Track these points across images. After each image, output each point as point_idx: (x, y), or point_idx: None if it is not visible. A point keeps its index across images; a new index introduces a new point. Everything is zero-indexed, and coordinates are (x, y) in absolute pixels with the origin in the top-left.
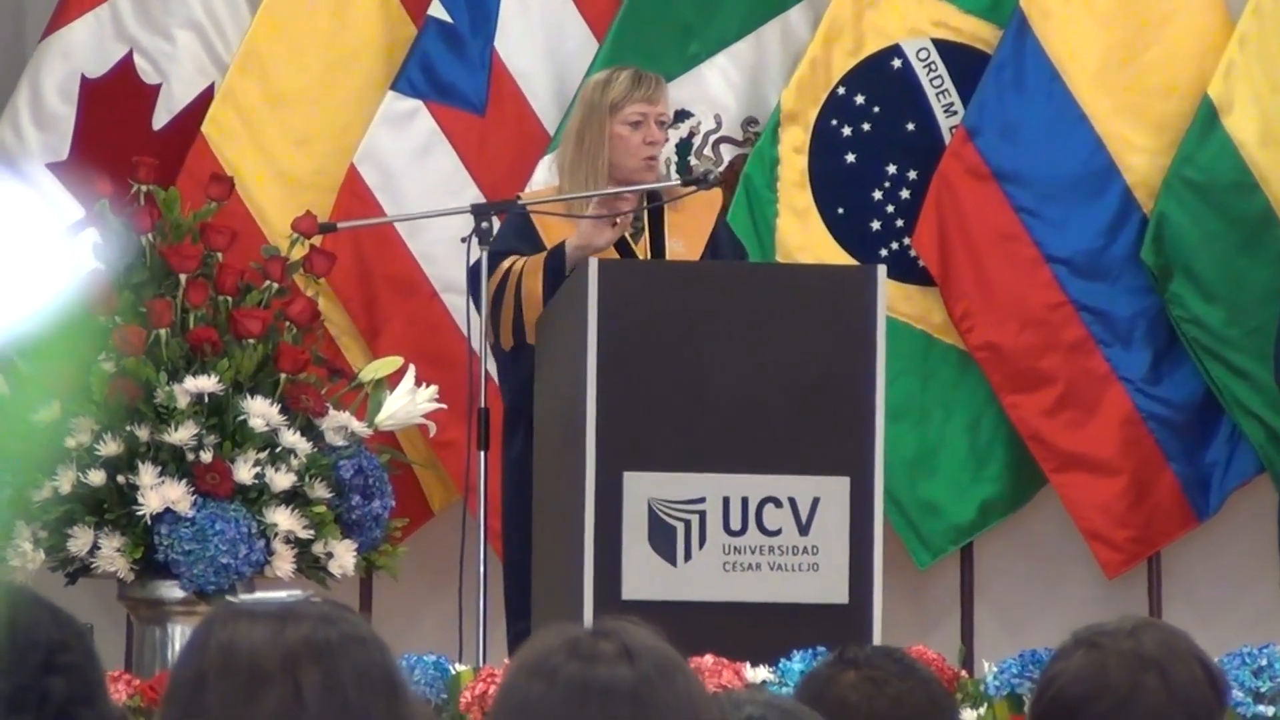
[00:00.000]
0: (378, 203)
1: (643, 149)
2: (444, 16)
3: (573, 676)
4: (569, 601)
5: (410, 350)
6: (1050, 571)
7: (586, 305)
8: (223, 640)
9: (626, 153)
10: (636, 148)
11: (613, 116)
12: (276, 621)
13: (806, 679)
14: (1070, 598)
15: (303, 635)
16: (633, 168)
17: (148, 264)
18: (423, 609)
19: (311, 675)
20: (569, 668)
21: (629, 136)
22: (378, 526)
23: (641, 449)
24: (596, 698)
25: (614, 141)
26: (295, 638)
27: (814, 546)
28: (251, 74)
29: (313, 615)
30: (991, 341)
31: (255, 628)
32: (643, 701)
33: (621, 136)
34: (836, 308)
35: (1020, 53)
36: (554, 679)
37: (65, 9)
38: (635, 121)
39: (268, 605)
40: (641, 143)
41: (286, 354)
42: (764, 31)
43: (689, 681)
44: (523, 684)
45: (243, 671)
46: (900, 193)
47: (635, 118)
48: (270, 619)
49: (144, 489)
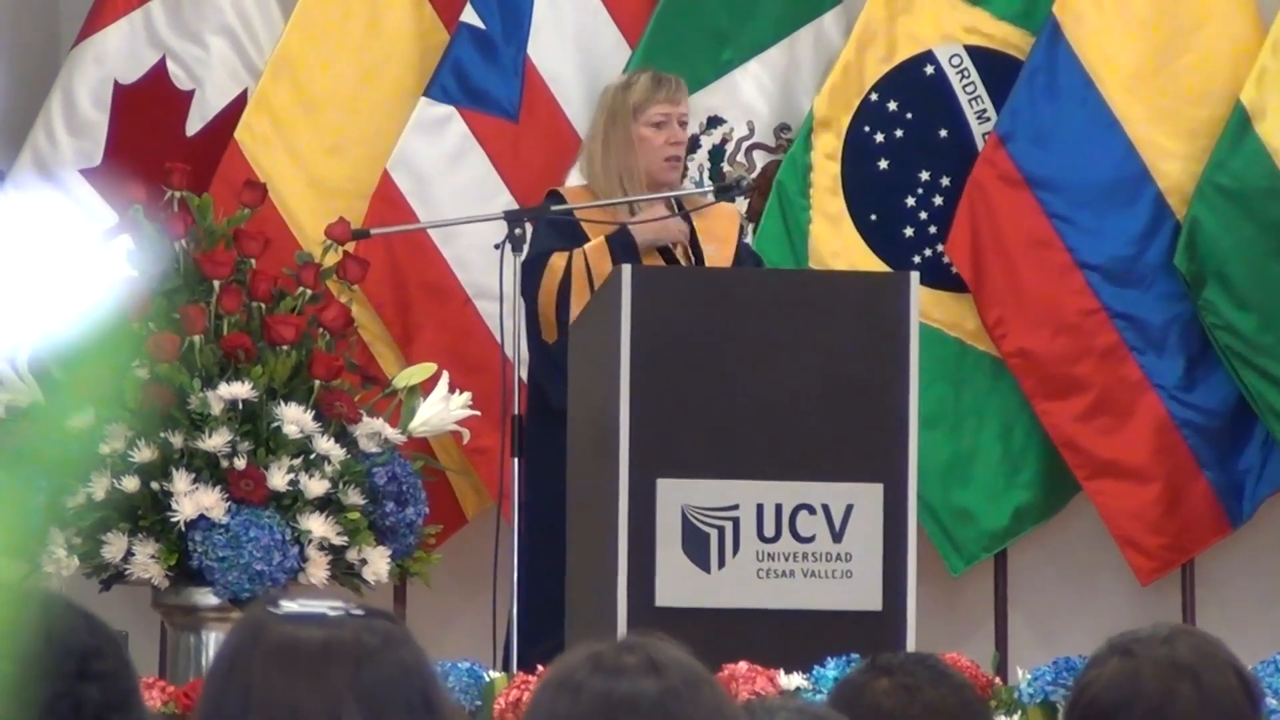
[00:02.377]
0: (411, 209)
1: (665, 149)
2: (477, 23)
3: (597, 690)
4: (602, 608)
5: (444, 357)
6: (1084, 578)
7: (620, 311)
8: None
9: (650, 154)
10: (660, 148)
11: (636, 119)
12: (320, 625)
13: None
14: (1104, 605)
15: (344, 639)
16: (656, 169)
17: (181, 270)
18: (456, 615)
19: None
20: (593, 682)
21: (652, 138)
22: (411, 533)
23: (675, 455)
24: (622, 711)
25: (639, 143)
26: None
27: (847, 553)
28: (284, 80)
29: (355, 621)
30: (1024, 348)
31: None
32: (669, 714)
33: (645, 138)
34: (869, 314)
35: (1053, 59)
36: (579, 693)
37: (98, 15)
38: (658, 123)
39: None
40: (665, 143)
41: (320, 361)
42: (797, 38)
43: (715, 694)
44: (549, 699)
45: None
46: (933, 199)
47: (658, 118)
48: (311, 623)
49: (178, 495)
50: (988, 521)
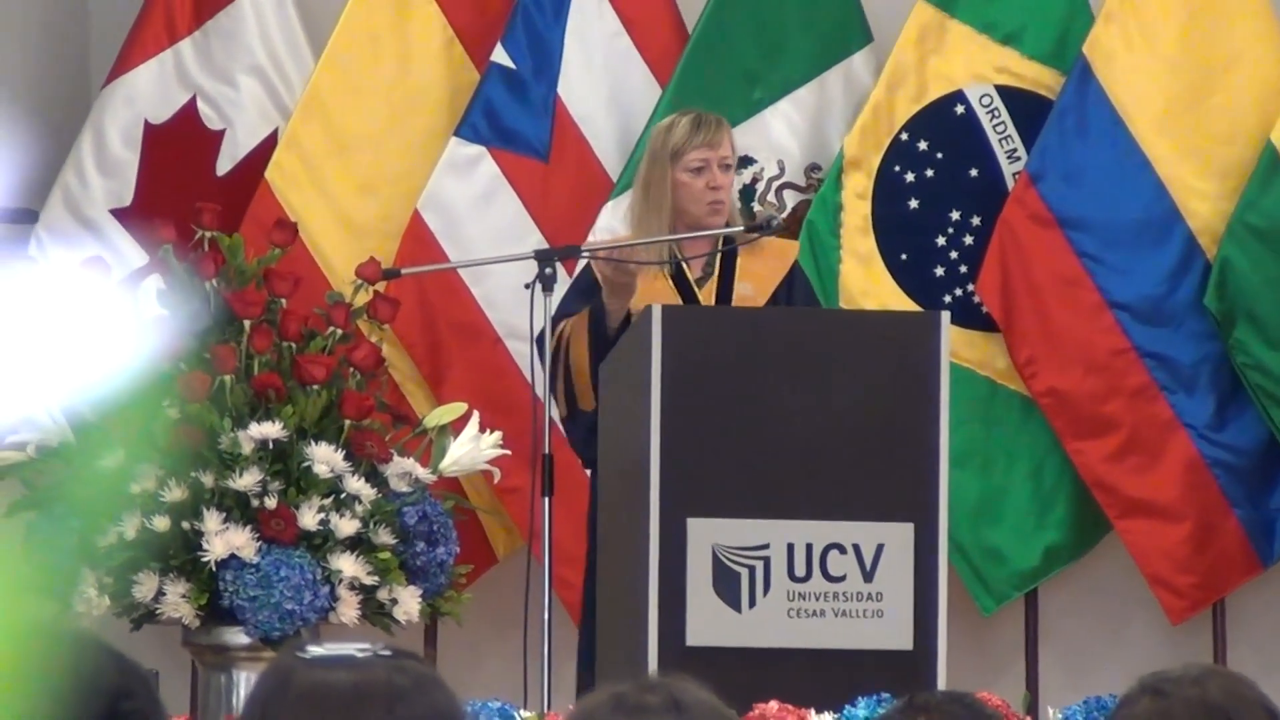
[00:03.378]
0: (441, 249)
1: (706, 194)
2: (507, 62)
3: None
4: (633, 648)
5: (474, 396)
6: (1115, 618)
7: (650, 351)
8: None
9: (691, 199)
10: (700, 193)
11: (675, 164)
12: (349, 667)
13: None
14: (1135, 644)
15: (375, 682)
16: (699, 214)
17: (212, 310)
18: (487, 655)
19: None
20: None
21: (691, 183)
22: (442, 573)
23: (705, 495)
24: None
25: (678, 189)
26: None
27: (878, 593)
28: (315, 119)
29: (385, 662)
30: (1055, 387)
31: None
32: None
33: (684, 183)
34: (900, 353)
35: (1083, 98)
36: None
37: (129, 54)
38: (697, 168)
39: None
40: (705, 188)
41: (351, 400)
42: (827, 77)
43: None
44: None
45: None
46: (963, 238)
47: (697, 163)
48: (342, 665)
49: (209, 535)
50: (1018, 561)
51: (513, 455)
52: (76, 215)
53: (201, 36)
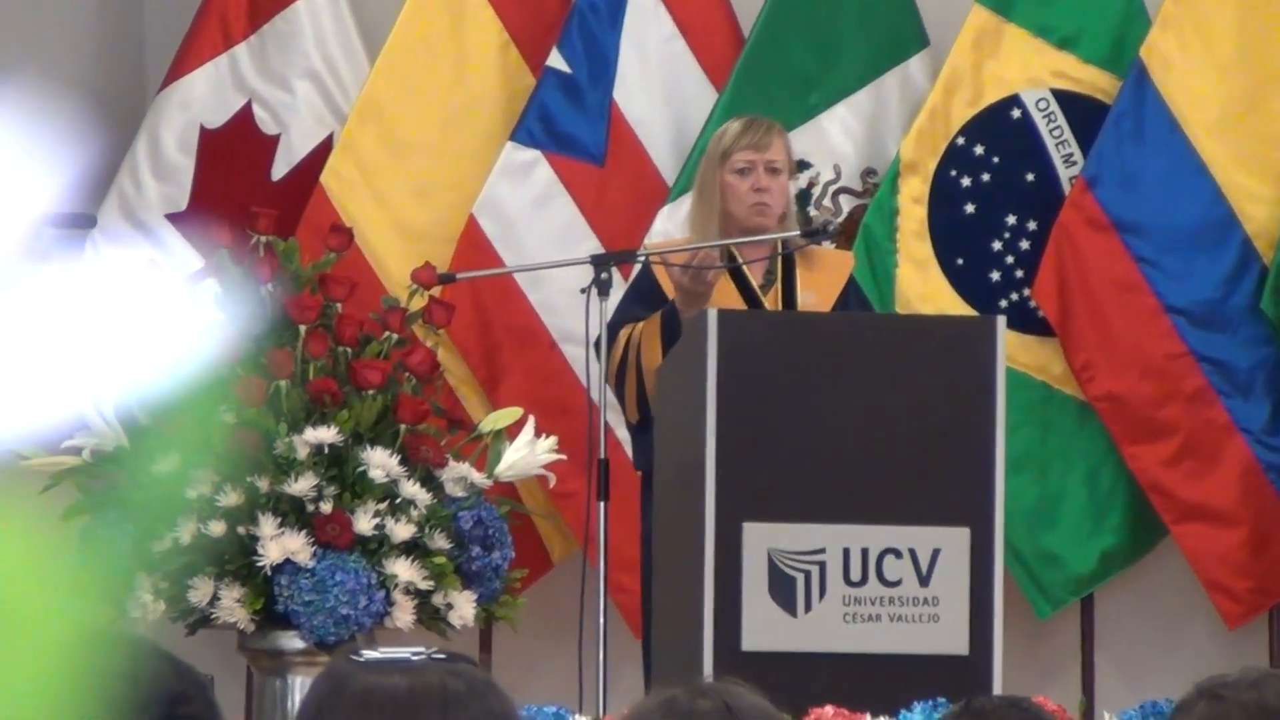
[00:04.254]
0: (497, 253)
1: (750, 196)
2: (563, 67)
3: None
4: (688, 653)
5: (530, 401)
6: (1171, 622)
7: (706, 355)
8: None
9: (736, 200)
10: (744, 195)
11: (723, 165)
12: (404, 673)
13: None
14: (1191, 648)
15: (431, 685)
16: (743, 215)
17: (267, 315)
18: (542, 660)
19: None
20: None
21: (737, 184)
22: (497, 577)
23: (761, 499)
24: None
25: (725, 190)
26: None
27: (934, 597)
28: (371, 124)
29: (440, 666)
30: (1111, 392)
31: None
32: None
33: (731, 185)
34: (956, 358)
35: (1140, 103)
36: None
37: (184, 59)
38: (742, 169)
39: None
40: (749, 190)
41: (406, 405)
42: (883, 82)
43: None
44: None
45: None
46: (1020, 243)
47: (742, 165)
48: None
49: (264, 540)
50: (1075, 565)
51: (568, 460)
52: (132, 220)
53: (257, 41)
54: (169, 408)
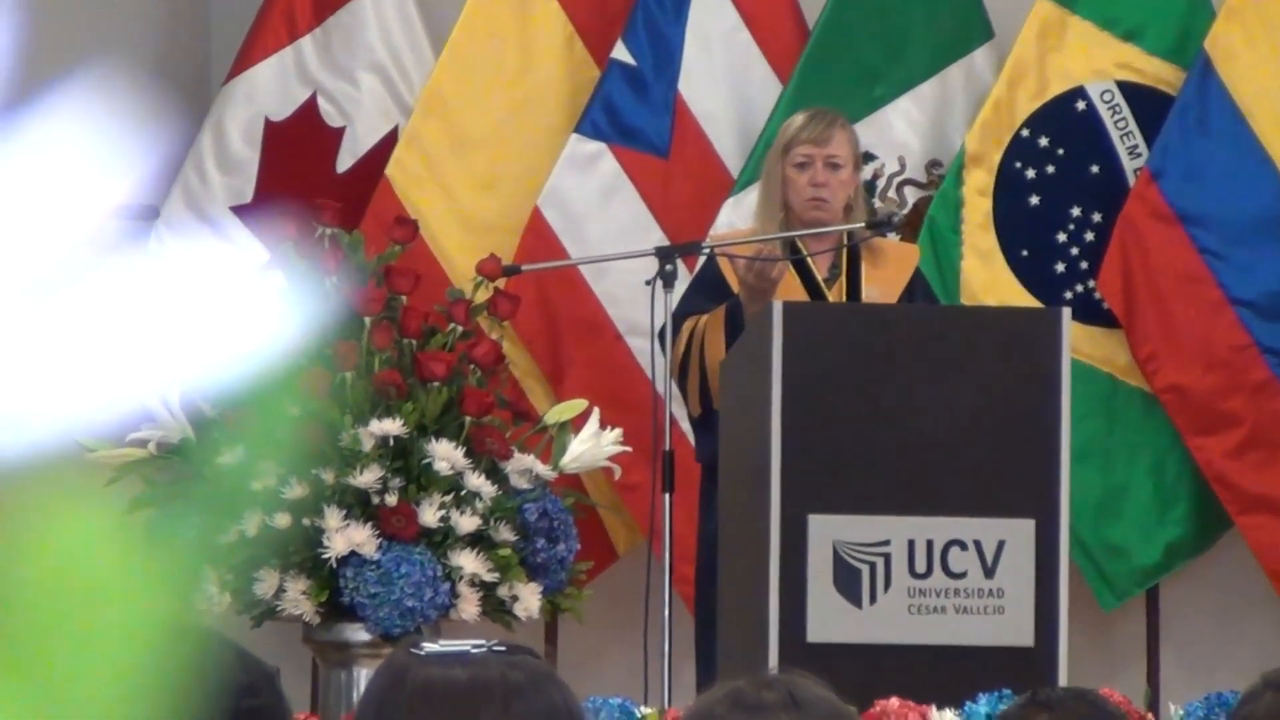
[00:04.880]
0: (561, 245)
1: (807, 190)
2: (628, 59)
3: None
4: (754, 644)
5: (594, 393)
6: (1236, 613)
7: (770, 348)
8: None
9: (794, 193)
10: (802, 189)
11: (784, 158)
12: (464, 665)
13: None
14: (1257, 640)
15: (493, 677)
16: (800, 209)
17: (332, 307)
18: (607, 651)
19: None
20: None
21: (796, 178)
22: (562, 569)
23: (826, 491)
24: None
25: (785, 183)
26: (485, 680)
27: (999, 589)
28: (436, 117)
29: (500, 659)
30: (1176, 383)
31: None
32: None
33: (790, 178)
34: (1021, 350)
35: (1204, 95)
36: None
37: (249, 52)
38: (800, 163)
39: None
40: (807, 184)
41: (471, 397)
42: (948, 74)
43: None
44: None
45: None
46: (1084, 235)
47: (800, 159)
48: (458, 663)
49: (329, 532)
50: (1140, 557)
51: (633, 452)
52: (197, 212)
53: (322, 33)
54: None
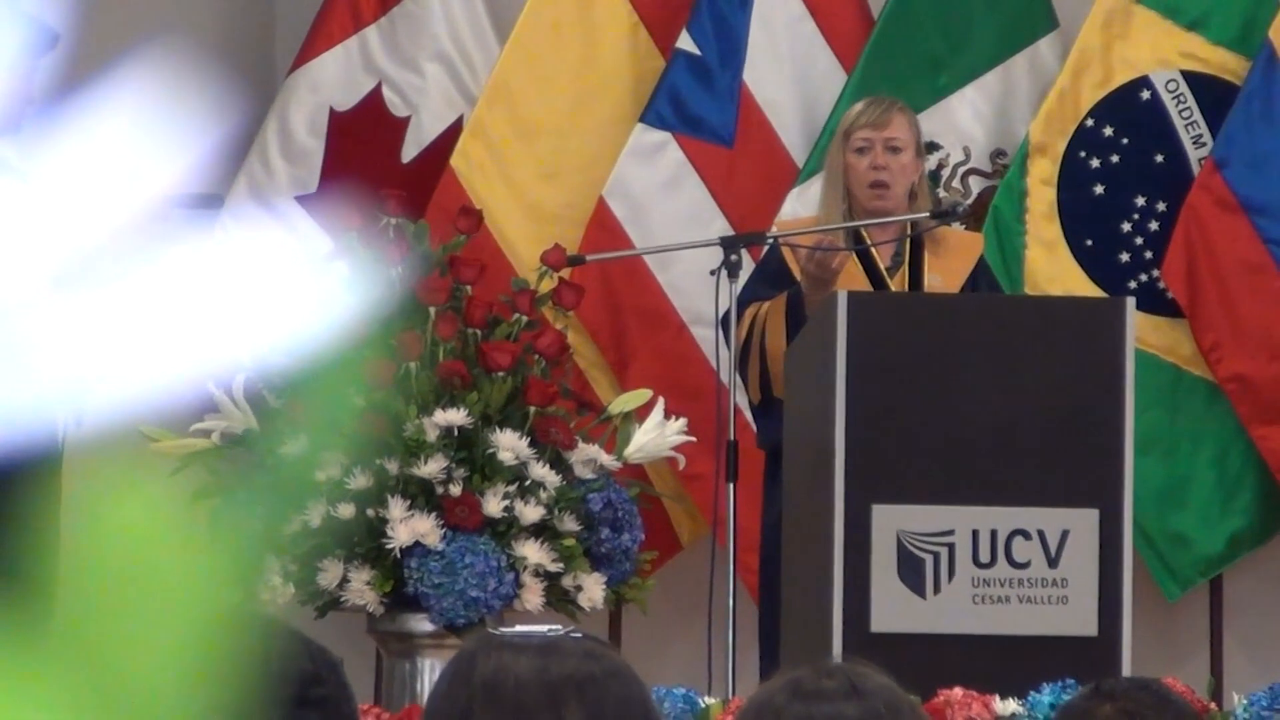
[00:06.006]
0: (626, 235)
1: (868, 174)
2: (693, 49)
3: (797, 715)
4: (818, 634)
5: (659, 383)
6: None
7: (835, 337)
8: (487, 672)
9: (855, 180)
10: (863, 174)
11: (845, 144)
12: (541, 655)
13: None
14: None
15: (568, 669)
16: (862, 195)
17: (397, 297)
18: (672, 641)
19: (575, 709)
20: (793, 707)
21: (856, 163)
22: (627, 559)
23: (890, 481)
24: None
25: (847, 170)
26: (560, 671)
27: (1063, 579)
28: (500, 106)
29: (576, 650)
30: (1240, 373)
31: (520, 660)
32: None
33: (851, 164)
34: (1085, 339)
35: (1269, 84)
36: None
37: (314, 42)
38: (860, 148)
39: (530, 638)
40: (867, 168)
41: (535, 387)
42: (1012, 63)
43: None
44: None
45: (509, 703)
46: (1149, 224)
47: (860, 143)
48: (534, 652)
49: (393, 522)
50: (1203, 547)
51: (697, 442)
52: (261, 201)
53: (387, 23)
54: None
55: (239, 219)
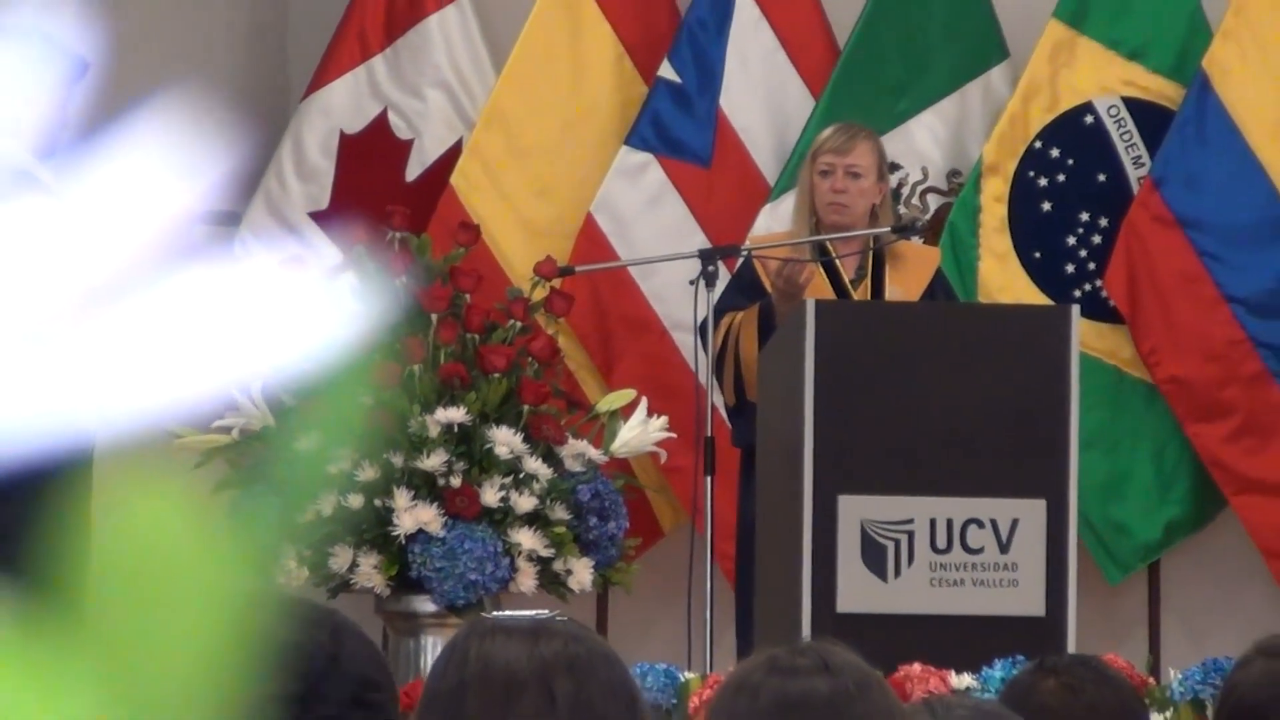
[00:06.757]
0: (612, 248)
1: (829, 195)
2: (673, 77)
3: (774, 690)
4: (789, 614)
5: (642, 383)
6: (1231, 586)
7: (804, 342)
8: (481, 653)
9: (819, 198)
10: (825, 194)
11: (813, 166)
12: (531, 637)
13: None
14: (1250, 611)
15: (556, 650)
16: (823, 213)
17: (401, 304)
18: (654, 621)
19: (564, 686)
20: (770, 683)
21: (820, 184)
22: (613, 545)
23: (855, 474)
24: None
25: (813, 189)
26: (549, 652)
27: (1013, 564)
28: (496, 130)
29: (563, 633)
30: (1176, 375)
31: (511, 642)
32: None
33: (816, 184)
34: (1034, 344)
35: (1202, 109)
36: (757, 694)
37: (325, 70)
38: (824, 170)
39: (520, 621)
40: (829, 190)
41: (529, 387)
42: (967, 90)
43: (885, 695)
44: (728, 701)
45: (500, 681)
46: (1092, 238)
47: (824, 167)
48: (525, 634)
49: (399, 511)
50: (1142, 534)
51: (677, 438)
52: (277, 217)
53: (392, 53)
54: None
55: (257, 234)
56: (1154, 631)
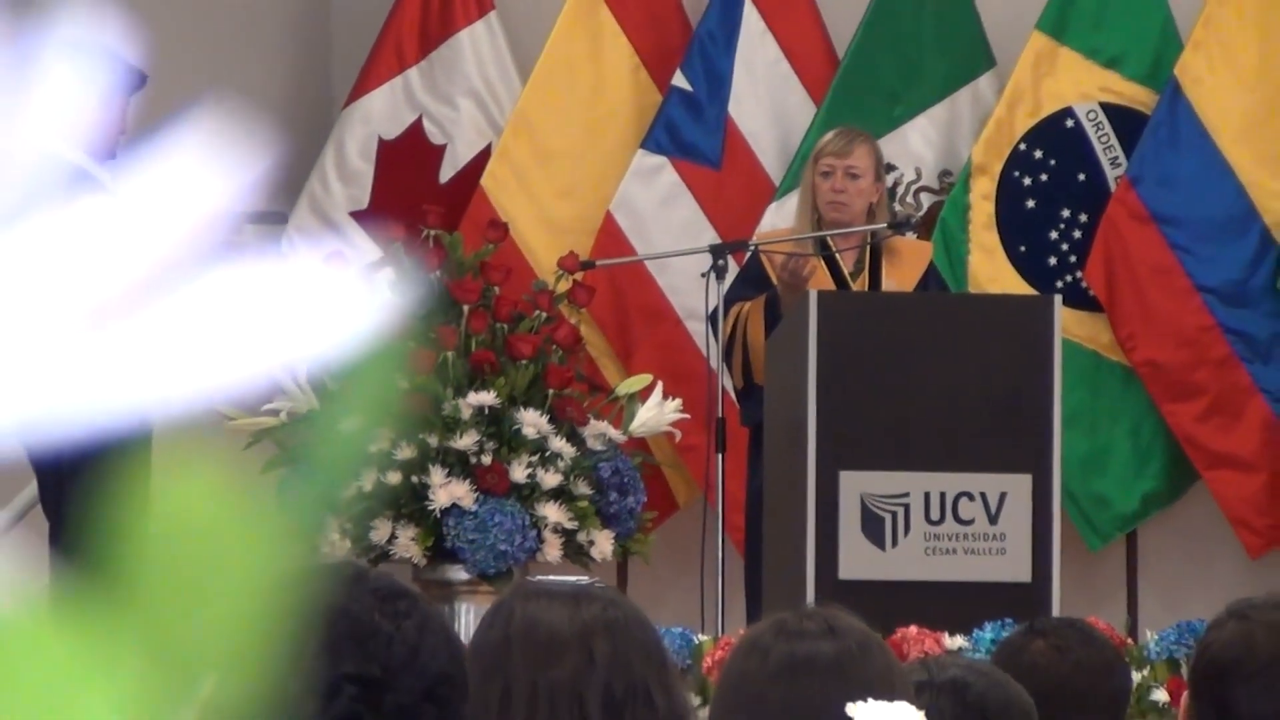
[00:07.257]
0: (630, 244)
1: (828, 195)
2: (685, 86)
3: (782, 651)
4: (793, 581)
5: (658, 369)
6: (1204, 553)
7: (807, 330)
8: (526, 613)
9: (820, 197)
10: (825, 194)
11: (814, 167)
12: (572, 601)
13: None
14: (1222, 576)
15: (595, 614)
16: (824, 211)
17: (435, 296)
18: (669, 588)
19: (603, 647)
20: (779, 645)
21: (820, 184)
22: (632, 518)
23: (855, 451)
24: (803, 670)
25: (814, 189)
26: (589, 615)
27: (1002, 534)
28: (522, 135)
29: (602, 598)
30: (1151, 359)
31: (554, 605)
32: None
33: (817, 184)
34: (1020, 331)
35: (1174, 113)
36: (766, 656)
37: (365, 80)
38: (825, 172)
39: (563, 586)
40: (829, 190)
41: (554, 373)
42: (957, 97)
43: (885, 655)
44: (739, 662)
45: (543, 640)
46: (1073, 233)
47: (825, 168)
48: (567, 598)
49: (434, 487)
50: (1121, 505)
51: (691, 418)
52: (321, 217)
53: (427, 65)
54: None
55: (303, 232)
56: (1132, 595)
